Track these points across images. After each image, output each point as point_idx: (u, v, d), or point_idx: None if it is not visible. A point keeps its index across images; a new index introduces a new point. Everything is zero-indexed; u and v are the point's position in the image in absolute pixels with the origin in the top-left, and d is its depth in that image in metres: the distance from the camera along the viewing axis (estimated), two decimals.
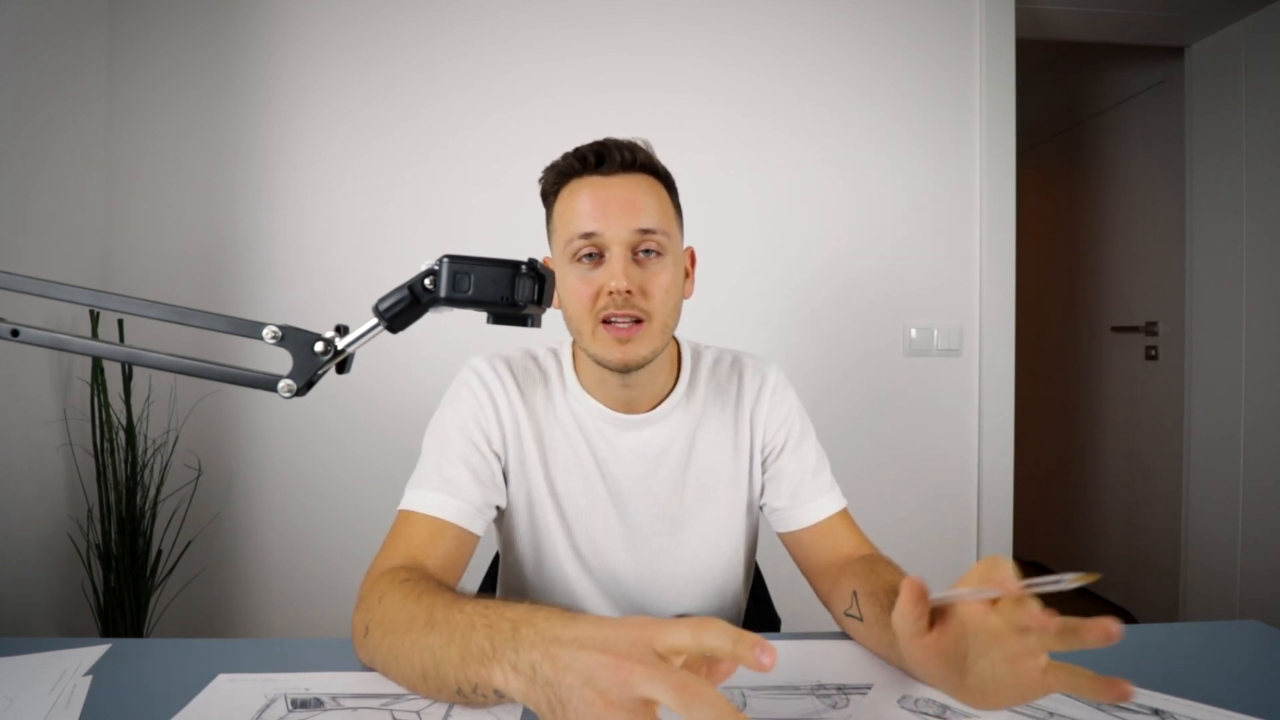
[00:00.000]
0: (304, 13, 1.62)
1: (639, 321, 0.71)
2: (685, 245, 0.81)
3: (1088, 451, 2.65)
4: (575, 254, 0.72)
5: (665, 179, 0.78)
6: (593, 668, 0.39)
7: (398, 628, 0.54)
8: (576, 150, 0.75)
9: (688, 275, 0.80)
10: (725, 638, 0.37)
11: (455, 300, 0.53)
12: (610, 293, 0.70)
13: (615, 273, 0.70)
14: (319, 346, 0.53)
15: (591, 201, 0.72)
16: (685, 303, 0.79)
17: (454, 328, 1.56)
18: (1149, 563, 2.31)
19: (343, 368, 0.55)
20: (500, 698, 0.47)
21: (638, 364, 0.73)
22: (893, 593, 0.62)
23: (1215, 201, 2.07)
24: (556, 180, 0.76)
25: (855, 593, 0.67)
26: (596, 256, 0.72)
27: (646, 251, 0.72)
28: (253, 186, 1.62)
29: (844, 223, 1.72)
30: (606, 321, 0.71)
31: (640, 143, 0.76)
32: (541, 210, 0.80)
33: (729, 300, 1.68)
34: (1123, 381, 2.46)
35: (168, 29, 1.60)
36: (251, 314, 1.36)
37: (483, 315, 0.55)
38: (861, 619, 0.65)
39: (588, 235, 0.71)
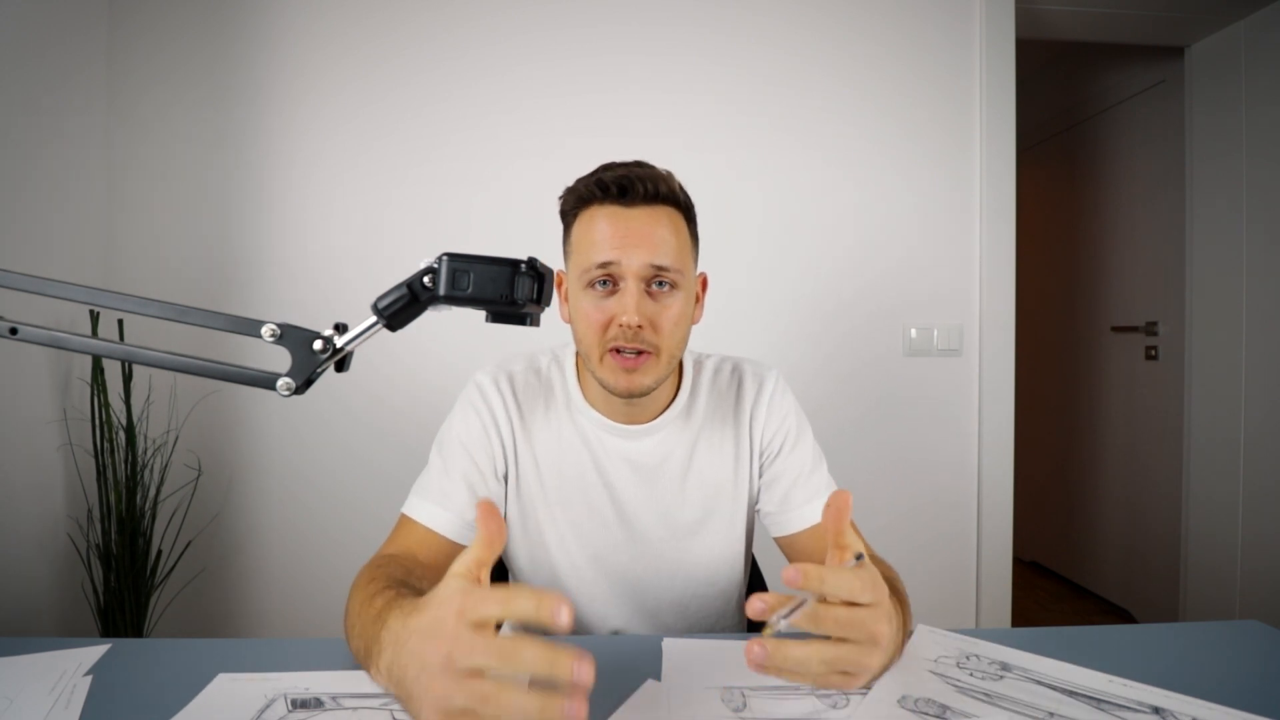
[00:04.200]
0: (304, 13, 1.62)
1: (646, 352, 0.73)
2: (698, 271, 0.82)
3: (1087, 451, 2.65)
4: (590, 281, 0.73)
5: (686, 210, 0.78)
6: (421, 655, 0.41)
7: (349, 613, 0.60)
8: (600, 178, 0.74)
9: (698, 300, 0.81)
10: (529, 604, 0.40)
11: (454, 298, 0.53)
12: (621, 325, 0.71)
13: (628, 307, 0.71)
14: (318, 344, 0.53)
15: (610, 231, 0.72)
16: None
17: (453, 326, 1.56)
18: (1149, 563, 2.31)
19: (341, 366, 0.55)
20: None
21: (641, 393, 0.74)
22: None
23: (1215, 201, 2.07)
24: (576, 204, 0.76)
25: None
26: (610, 284, 0.73)
27: (660, 284, 0.73)
28: (252, 185, 1.62)
29: (843, 222, 1.72)
30: (615, 350, 0.73)
31: (664, 173, 0.76)
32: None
33: (730, 301, 1.67)
34: (1123, 381, 2.46)
35: (168, 29, 1.60)
36: (251, 312, 1.36)
37: (482, 313, 0.55)
38: None
39: (604, 265, 0.72)
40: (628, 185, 0.73)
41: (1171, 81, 2.21)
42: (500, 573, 0.99)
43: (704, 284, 0.84)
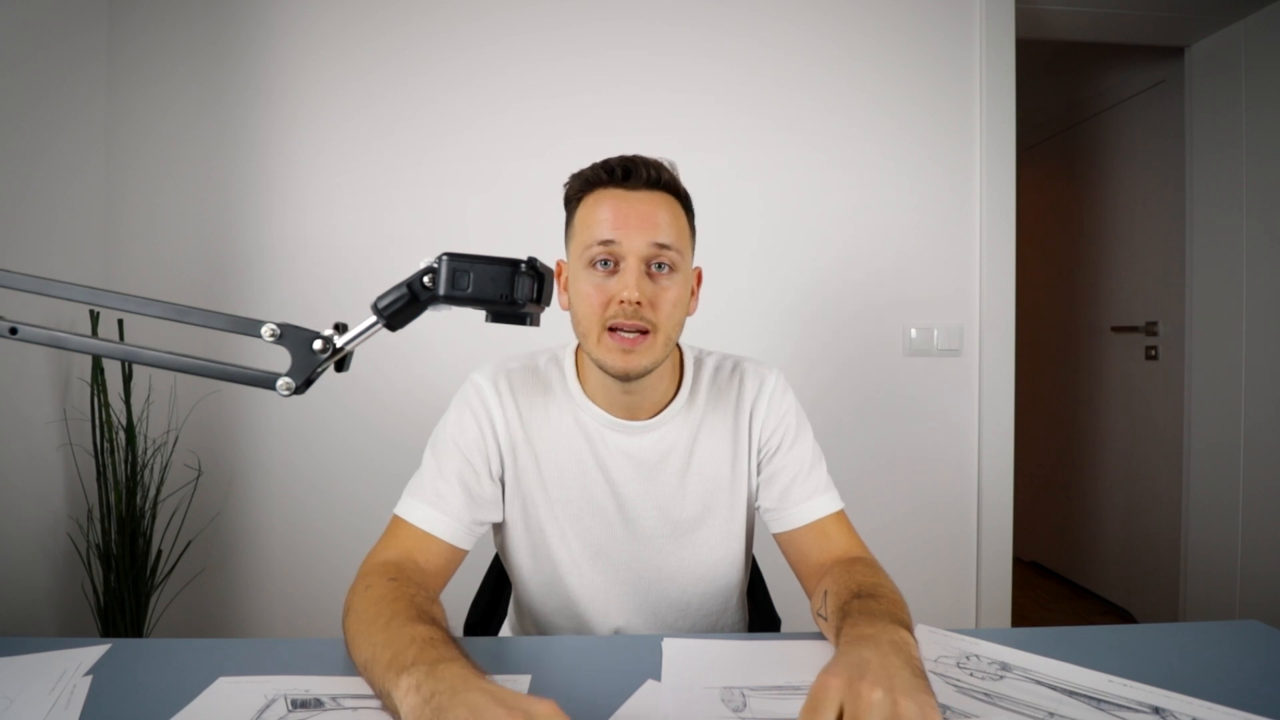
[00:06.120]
0: (303, 14, 1.62)
1: (644, 332, 0.74)
2: (694, 265, 0.83)
3: (1087, 452, 2.65)
4: (592, 260, 0.75)
5: (685, 200, 0.80)
6: (482, 712, 0.43)
7: (365, 619, 0.59)
8: (605, 162, 0.77)
9: (693, 293, 0.83)
10: None
11: (454, 298, 0.53)
12: (621, 302, 0.72)
13: (628, 283, 0.72)
14: (317, 344, 0.53)
15: (613, 212, 0.74)
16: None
17: (453, 326, 1.56)
18: (1149, 563, 2.31)
19: (341, 366, 0.56)
20: (393, 710, 0.49)
21: (638, 374, 0.75)
22: (856, 595, 0.63)
23: (1215, 201, 2.07)
24: (581, 188, 0.78)
25: (826, 592, 0.69)
26: (611, 265, 0.74)
27: (660, 266, 0.75)
28: (252, 185, 1.62)
29: (844, 222, 1.72)
30: (613, 329, 0.73)
31: (666, 163, 0.79)
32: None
33: (730, 301, 1.67)
34: (1123, 381, 2.46)
35: (167, 28, 1.60)
36: (250, 312, 1.36)
37: (482, 313, 0.55)
38: (827, 619, 0.66)
39: (606, 243, 0.73)
40: (631, 169, 0.75)
41: (1171, 81, 2.21)
42: (501, 572, 0.99)
43: (699, 277, 0.85)
